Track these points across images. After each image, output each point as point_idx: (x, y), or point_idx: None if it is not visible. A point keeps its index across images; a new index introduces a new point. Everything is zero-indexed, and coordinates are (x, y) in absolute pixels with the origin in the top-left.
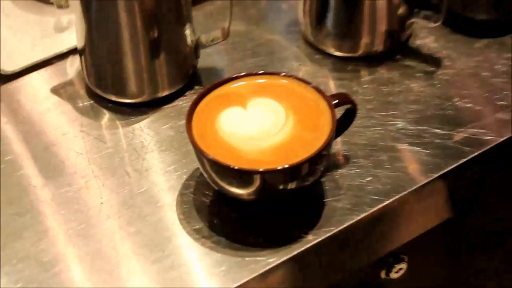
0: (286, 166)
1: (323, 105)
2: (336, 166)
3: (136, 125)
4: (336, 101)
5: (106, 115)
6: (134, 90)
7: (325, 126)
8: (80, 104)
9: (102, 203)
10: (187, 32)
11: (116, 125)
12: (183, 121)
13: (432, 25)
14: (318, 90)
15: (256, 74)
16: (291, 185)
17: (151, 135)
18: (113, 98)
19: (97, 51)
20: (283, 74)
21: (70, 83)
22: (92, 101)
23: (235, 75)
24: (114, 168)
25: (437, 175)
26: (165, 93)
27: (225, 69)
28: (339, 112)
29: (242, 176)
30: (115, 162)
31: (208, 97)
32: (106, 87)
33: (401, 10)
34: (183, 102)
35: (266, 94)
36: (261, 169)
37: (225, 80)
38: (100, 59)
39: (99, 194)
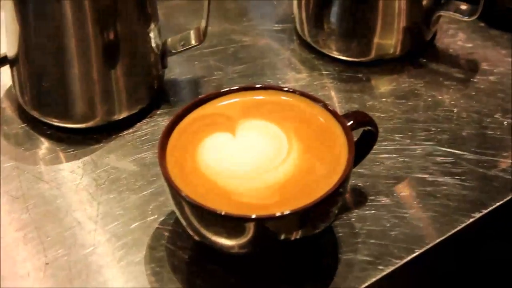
0: (289, 211)
1: (336, 128)
2: (350, 206)
3: (87, 158)
4: (351, 122)
5: (46, 145)
6: (82, 112)
7: (341, 155)
8: (12, 132)
9: (47, 263)
10: (152, 34)
11: (60, 158)
12: (148, 151)
13: (466, 19)
14: (328, 108)
15: (249, 88)
16: (296, 235)
17: (106, 170)
18: (55, 123)
19: (34, 61)
20: (285, 88)
21: None
22: (27, 127)
23: (221, 90)
24: (60, 216)
25: (480, 214)
26: (124, 115)
27: (200, 81)
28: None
29: (232, 225)
30: (61, 208)
31: (186, 120)
32: (45, 108)
33: (425, 1)
34: (147, 127)
35: (262, 115)
36: (256, 215)
37: (209, 97)
38: (38, 72)
39: (42, 252)
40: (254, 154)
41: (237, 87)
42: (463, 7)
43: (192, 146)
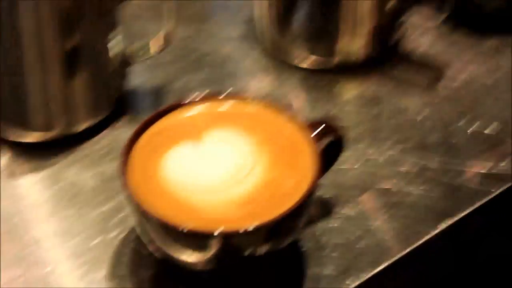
0: (254, 226)
1: (301, 139)
2: (315, 218)
3: (44, 173)
4: (317, 132)
5: (2, 160)
6: (38, 124)
7: (307, 167)
8: None
9: (3, 286)
10: (112, 41)
11: (16, 173)
12: (108, 164)
13: (430, 24)
14: (293, 118)
15: (213, 98)
16: (261, 250)
17: (66, 186)
18: (11, 138)
19: None
20: (250, 98)
21: None
22: None
23: (185, 100)
24: (17, 234)
25: (446, 225)
26: (83, 126)
27: (162, 90)
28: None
29: (195, 241)
30: (18, 226)
31: (148, 132)
32: (1, 120)
33: (389, 6)
34: (108, 138)
35: (226, 126)
36: (219, 231)
37: (170, 108)
38: None
39: None
40: (219, 167)
41: (200, 97)
42: (428, 12)
43: (154, 159)
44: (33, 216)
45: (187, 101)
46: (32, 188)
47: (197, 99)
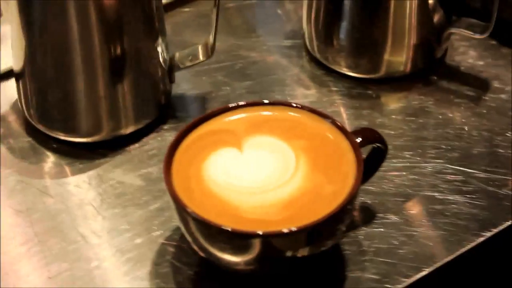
0: (295, 228)
1: (344, 145)
2: (358, 223)
3: (92, 172)
4: (360, 139)
5: (51, 159)
6: (88, 126)
7: (349, 173)
8: (17, 145)
9: (50, 277)
10: (159, 48)
11: (65, 173)
12: (154, 166)
13: (477, 36)
14: (337, 125)
15: (256, 104)
16: (303, 252)
17: (112, 185)
18: (61, 137)
19: (40, 75)
20: (293, 104)
21: (2, 117)
22: (32, 141)
23: (228, 105)
24: (64, 230)
25: (490, 233)
26: (130, 129)
27: (208, 96)
28: (363, 150)
29: (238, 241)
30: (66, 222)
31: (191, 136)
32: (51, 122)
33: (436, 18)
34: (154, 141)
35: (269, 131)
36: (262, 232)
37: (214, 113)
38: (44, 85)
39: (45, 266)
40: (261, 171)
41: (244, 102)
42: (475, 24)
43: (198, 161)
44: (80, 213)
45: (230, 106)
46: (80, 187)
47: (240, 105)
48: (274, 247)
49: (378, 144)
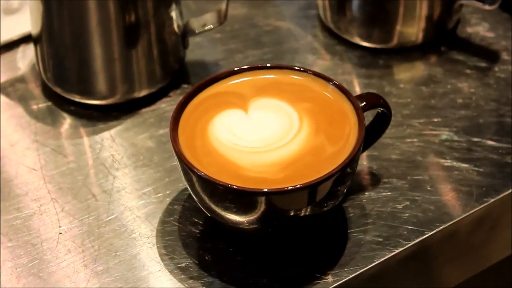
0: (299, 185)
1: (347, 108)
2: (363, 187)
3: (106, 134)
4: (364, 103)
5: (67, 121)
6: (103, 89)
7: (351, 135)
8: (34, 106)
9: (60, 233)
10: (173, 14)
11: (80, 134)
12: (166, 129)
13: (487, 7)
14: (341, 89)
15: (262, 67)
16: (305, 211)
17: (124, 146)
18: (77, 99)
19: (57, 39)
20: (297, 68)
21: (21, 79)
22: (49, 103)
23: (234, 68)
24: (76, 188)
25: (493, 199)
26: (144, 93)
27: (221, 63)
28: (368, 117)
29: (242, 198)
30: (78, 181)
31: (198, 97)
32: (68, 85)
33: None
34: (166, 105)
35: (273, 93)
36: (266, 189)
37: (221, 76)
38: (61, 49)
39: (56, 222)
40: (265, 131)
41: (249, 66)
42: None
43: (203, 123)
44: (91, 173)
45: (235, 69)
46: (93, 147)
47: (245, 68)
48: (277, 205)
49: (382, 109)
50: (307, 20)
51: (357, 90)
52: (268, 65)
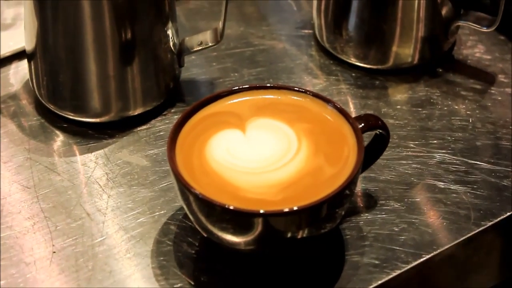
0: (296, 208)
1: (346, 129)
2: (359, 209)
3: (100, 152)
4: (363, 124)
5: (60, 138)
6: (97, 107)
7: (349, 156)
8: (27, 123)
9: (54, 252)
10: (169, 32)
11: (74, 151)
12: (161, 148)
13: (484, 29)
14: (340, 110)
15: (260, 87)
16: (302, 233)
17: (118, 165)
18: (70, 116)
19: (51, 55)
20: (296, 88)
21: (14, 96)
22: (42, 120)
23: (232, 88)
24: (70, 207)
25: (490, 223)
26: (138, 111)
27: (216, 82)
28: (365, 138)
29: (239, 219)
30: (72, 199)
31: (196, 117)
32: (61, 102)
33: (444, 11)
34: (161, 124)
35: (272, 114)
36: (263, 211)
37: (219, 95)
38: (55, 65)
39: (50, 241)
40: (263, 152)
41: (248, 85)
42: (482, 18)
43: (201, 142)
44: (85, 191)
45: (234, 89)
46: (87, 165)
47: (244, 88)
48: (274, 226)
49: (380, 131)
50: (302, 40)
51: (353, 111)
52: (268, 84)
